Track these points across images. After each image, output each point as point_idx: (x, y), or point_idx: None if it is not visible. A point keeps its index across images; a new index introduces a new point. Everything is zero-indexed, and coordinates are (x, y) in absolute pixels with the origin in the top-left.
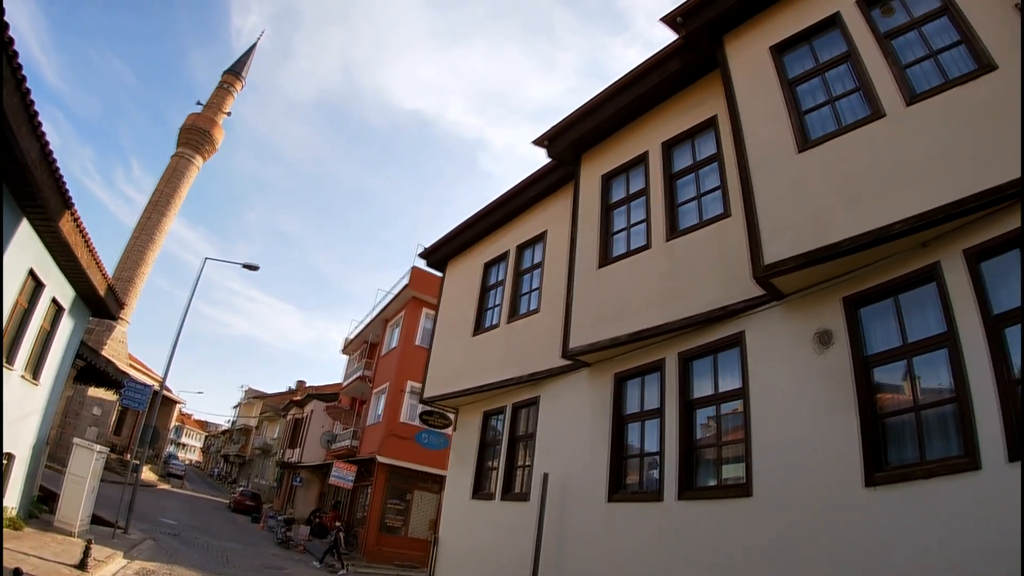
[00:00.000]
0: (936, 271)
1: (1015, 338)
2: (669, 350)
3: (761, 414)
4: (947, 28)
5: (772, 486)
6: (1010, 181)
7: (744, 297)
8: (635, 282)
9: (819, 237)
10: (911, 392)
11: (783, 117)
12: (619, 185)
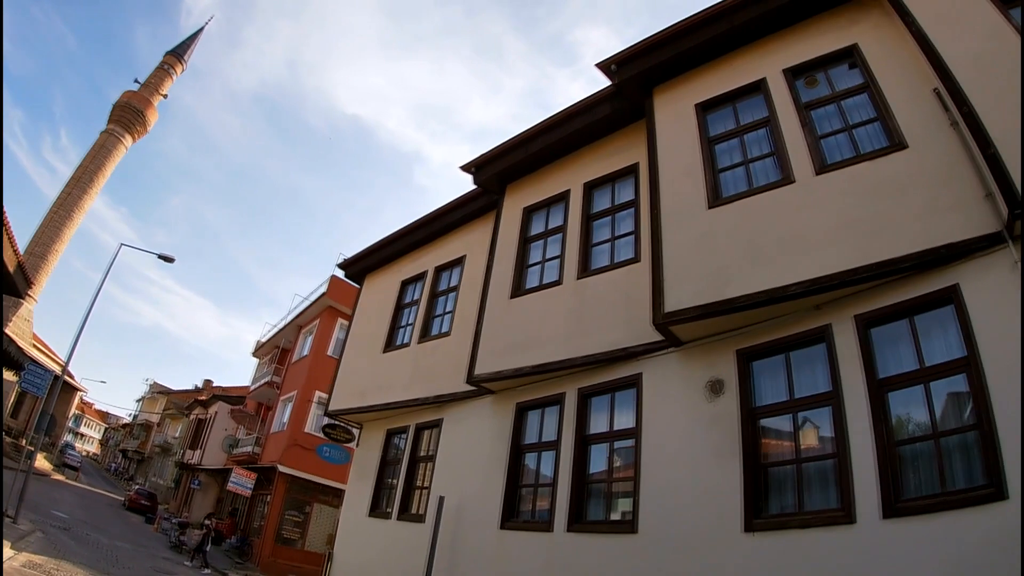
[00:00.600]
0: (827, 333)
1: (897, 401)
2: (570, 385)
3: (651, 455)
4: (865, 104)
5: (657, 525)
6: (904, 255)
7: (644, 341)
8: (544, 316)
9: (719, 291)
10: (794, 444)
11: (699, 172)
12: (539, 219)
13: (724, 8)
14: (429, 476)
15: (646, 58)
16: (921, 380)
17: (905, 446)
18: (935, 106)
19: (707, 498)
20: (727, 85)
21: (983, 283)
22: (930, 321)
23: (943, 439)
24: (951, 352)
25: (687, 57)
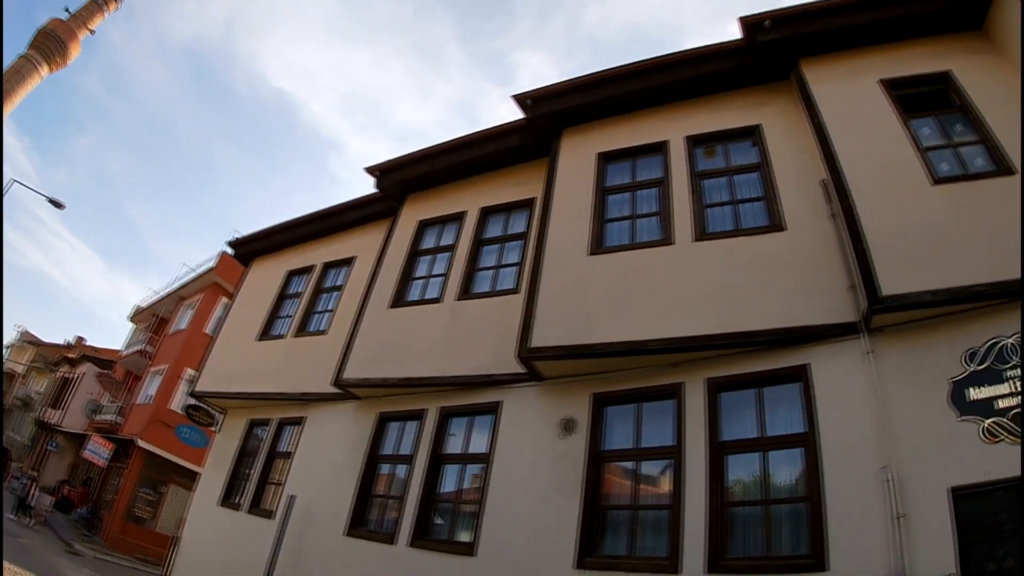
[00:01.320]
0: (679, 391)
1: (735, 464)
2: (433, 402)
3: (499, 482)
4: (755, 183)
5: (495, 551)
6: (763, 330)
7: (509, 371)
8: (419, 331)
9: (583, 335)
10: (633, 491)
11: (587, 219)
12: (432, 234)
13: (642, 68)
14: (285, 473)
15: (561, 99)
16: (760, 448)
17: (736, 508)
18: (819, 196)
19: (545, 531)
20: (632, 140)
21: (832, 367)
22: (778, 394)
23: (773, 506)
24: (793, 426)
25: (600, 106)
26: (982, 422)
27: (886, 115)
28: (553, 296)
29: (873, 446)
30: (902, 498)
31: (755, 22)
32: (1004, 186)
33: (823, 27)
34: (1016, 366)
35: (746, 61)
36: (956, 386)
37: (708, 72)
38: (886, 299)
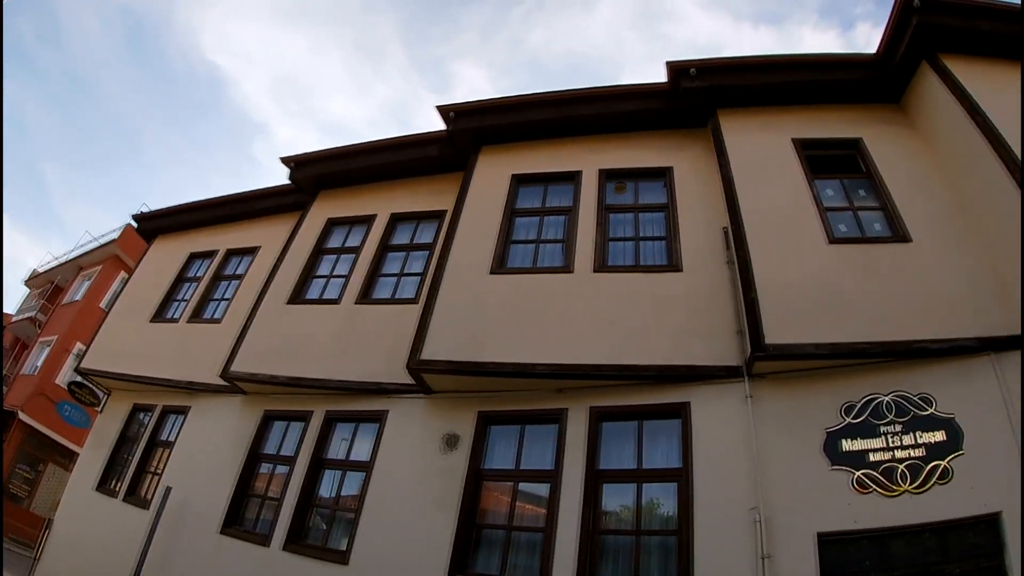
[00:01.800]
0: (563, 416)
1: (610, 493)
2: (320, 405)
3: (377, 492)
4: (659, 222)
5: (368, 561)
6: (649, 365)
7: (398, 381)
8: (314, 330)
9: (474, 353)
10: (509, 511)
11: (493, 238)
12: (340, 234)
13: (566, 98)
14: (164, 463)
15: (483, 116)
16: (636, 480)
17: (608, 536)
18: (719, 242)
19: (420, 544)
20: (547, 166)
21: (713, 408)
22: (657, 429)
23: (644, 537)
24: (669, 461)
25: (521, 128)
26: (853, 473)
27: (793, 172)
28: (449, 310)
29: (745, 487)
30: (769, 539)
31: (681, 68)
32: (897, 252)
33: (744, 82)
34: (891, 423)
35: (668, 104)
36: (831, 436)
37: (630, 110)
38: (770, 347)
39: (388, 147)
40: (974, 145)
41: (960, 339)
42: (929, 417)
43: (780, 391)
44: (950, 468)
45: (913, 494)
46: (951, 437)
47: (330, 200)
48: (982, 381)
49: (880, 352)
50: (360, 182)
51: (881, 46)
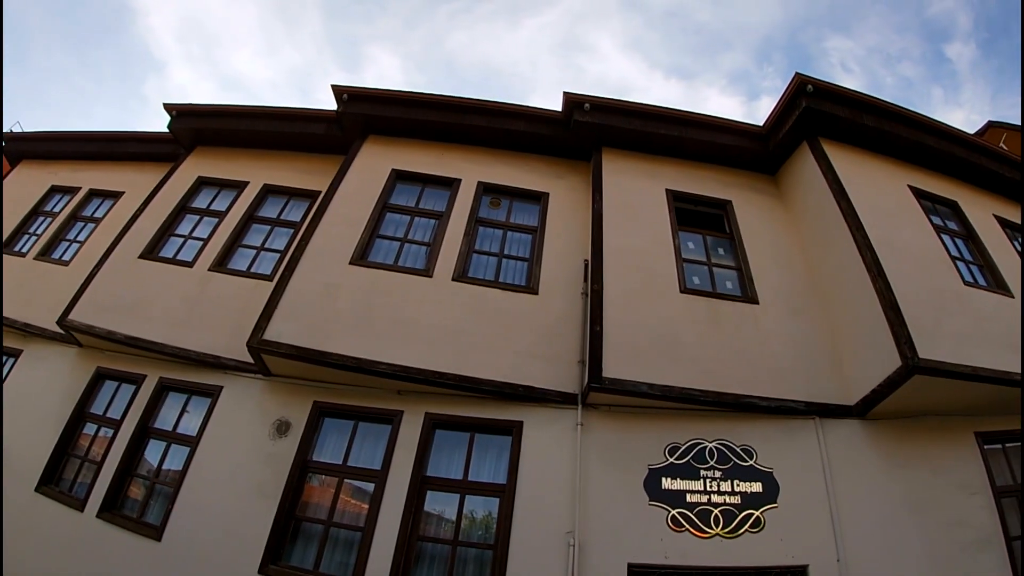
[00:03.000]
0: (398, 419)
1: (433, 500)
2: (154, 370)
3: (199, 470)
4: (526, 243)
5: (181, 540)
6: (489, 380)
7: (238, 358)
8: (162, 291)
9: (319, 341)
10: (331, 507)
11: (360, 228)
12: (208, 194)
13: (461, 105)
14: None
15: (376, 105)
16: (461, 491)
17: (426, 543)
18: (579, 274)
19: (236, 530)
20: (429, 168)
21: (545, 430)
22: (489, 443)
23: (461, 548)
24: (495, 476)
25: (410, 125)
26: (670, 511)
27: (661, 220)
28: (301, 293)
29: (565, 511)
30: (582, 564)
31: (577, 101)
32: (743, 311)
33: (633, 127)
34: (712, 468)
35: (558, 133)
36: (653, 473)
37: (520, 130)
38: (606, 380)
39: (275, 116)
40: (835, 225)
41: (788, 400)
42: (750, 468)
43: (611, 424)
44: (763, 518)
45: (724, 538)
46: (768, 489)
47: (205, 158)
48: (804, 442)
49: (710, 401)
50: (240, 145)
51: (769, 120)
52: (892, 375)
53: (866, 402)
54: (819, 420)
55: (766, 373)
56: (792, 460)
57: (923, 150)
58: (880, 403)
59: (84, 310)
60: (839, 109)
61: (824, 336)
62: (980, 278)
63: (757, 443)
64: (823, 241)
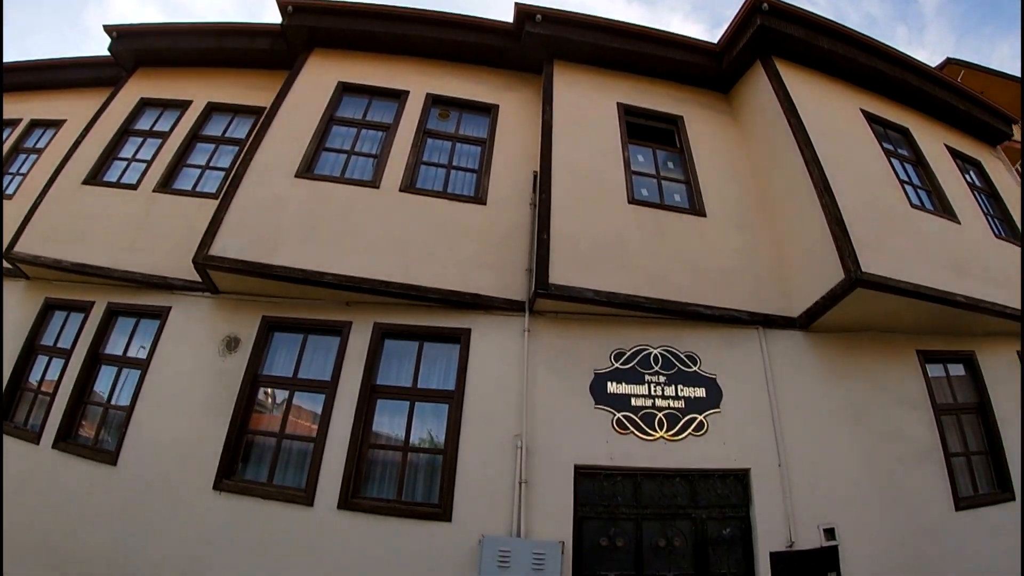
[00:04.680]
0: (346, 329)
1: (384, 408)
2: (102, 296)
3: (151, 392)
4: (475, 155)
5: (137, 462)
6: (436, 288)
7: (185, 277)
8: (107, 216)
9: (265, 255)
10: (283, 420)
11: (305, 142)
12: (151, 115)
13: (408, 15)
14: None
15: (321, 16)
16: (410, 398)
17: (377, 451)
18: (528, 186)
19: (189, 448)
20: (376, 80)
21: (492, 337)
22: (438, 352)
23: (412, 454)
24: (444, 383)
25: (357, 37)
26: (615, 414)
27: (610, 133)
28: (246, 208)
29: (512, 415)
30: (529, 466)
31: (528, 12)
32: (690, 223)
33: (585, 39)
34: (656, 373)
35: (509, 44)
36: (598, 378)
37: (470, 41)
38: (553, 287)
39: (218, 32)
40: (784, 143)
41: (732, 309)
42: (693, 374)
43: (557, 330)
44: (706, 422)
45: (668, 441)
46: (711, 395)
47: (148, 79)
48: (747, 351)
49: (655, 308)
50: (183, 64)
51: (724, 38)
52: (835, 288)
53: (809, 314)
54: (763, 330)
55: (711, 283)
56: (736, 368)
57: (877, 76)
58: (823, 315)
59: (30, 241)
60: (794, 29)
61: (770, 250)
62: (928, 202)
63: (701, 350)
64: (773, 158)
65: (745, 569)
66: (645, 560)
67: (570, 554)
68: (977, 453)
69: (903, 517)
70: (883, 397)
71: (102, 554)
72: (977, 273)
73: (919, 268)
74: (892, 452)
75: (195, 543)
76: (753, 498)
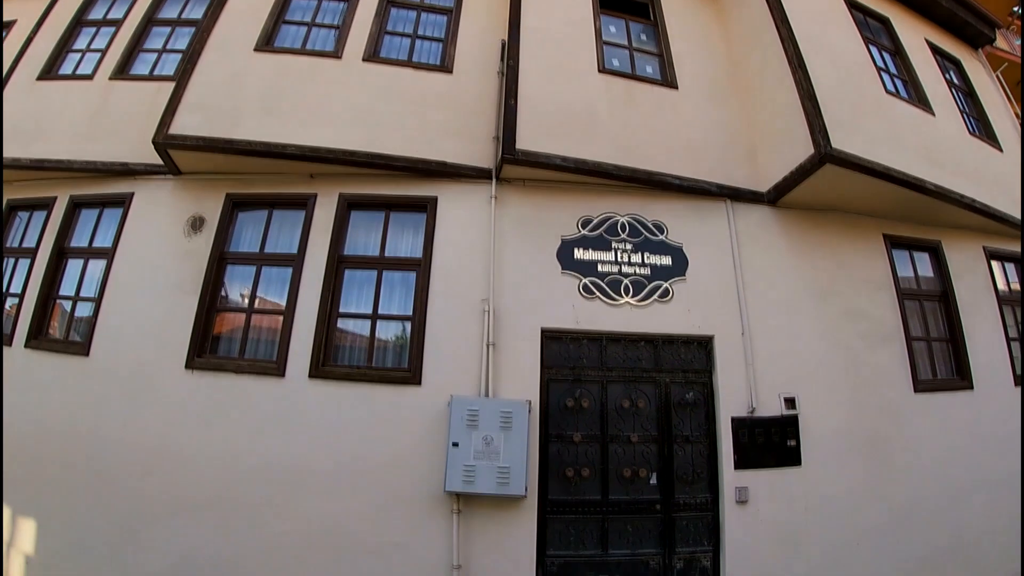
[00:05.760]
0: (311, 202)
1: (351, 279)
2: (64, 190)
3: (120, 279)
4: (440, 25)
5: (110, 351)
6: (402, 156)
7: (147, 162)
8: (64, 109)
9: (226, 129)
10: (251, 296)
11: (263, 15)
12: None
13: None
14: None
15: None
16: (378, 267)
17: (347, 319)
18: (496, 55)
19: (161, 331)
20: None
21: (459, 205)
22: (405, 221)
23: (381, 322)
24: (412, 251)
25: None
26: (581, 279)
27: (582, 1)
28: (205, 85)
29: (480, 280)
30: (497, 329)
31: None
32: (662, 94)
33: None
34: (624, 241)
35: None
36: (565, 244)
37: None
38: (520, 152)
39: None
40: (761, 19)
41: (701, 180)
42: (660, 242)
43: (525, 197)
44: (671, 290)
45: (634, 306)
46: (677, 263)
47: None
48: (715, 222)
49: (624, 176)
50: None
51: None
52: (804, 162)
53: (778, 189)
54: (731, 203)
55: (681, 155)
56: (702, 238)
57: None
58: (791, 191)
59: None
60: None
61: (742, 126)
62: (903, 91)
63: (669, 219)
64: (748, 35)
65: (707, 432)
66: (610, 421)
67: (537, 414)
68: (938, 340)
69: (863, 394)
70: (848, 276)
71: (80, 446)
72: (948, 165)
73: (890, 152)
74: (855, 330)
75: (170, 424)
76: (716, 365)
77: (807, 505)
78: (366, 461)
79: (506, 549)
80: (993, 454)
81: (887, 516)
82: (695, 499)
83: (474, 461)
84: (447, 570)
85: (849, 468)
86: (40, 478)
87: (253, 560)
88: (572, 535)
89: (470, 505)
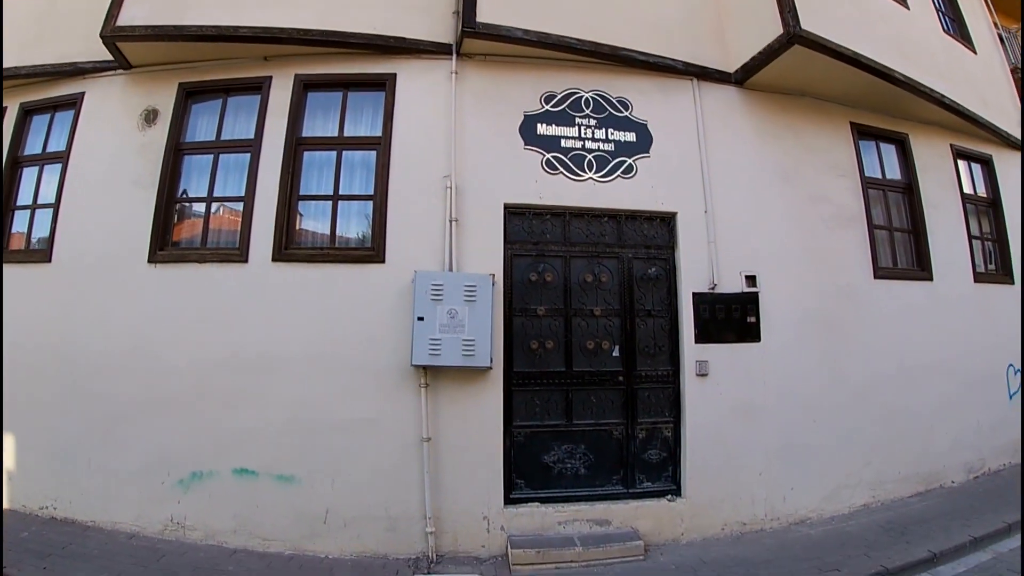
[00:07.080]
0: (267, 85)
1: (311, 161)
2: (14, 99)
3: (76, 180)
4: None
5: (71, 254)
6: (357, 33)
7: (96, 58)
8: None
9: (175, 16)
10: (210, 184)
11: None
12: None
13: None
14: None
15: None
16: (337, 147)
17: (308, 201)
18: None
19: (121, 228)
20: None
21: (419, 81)
22: (364, 100)
23: (342, 202)
24: (371, 130)
25: None
26: (544, 155)
27: None
28: None
29: (441, 158)
30: (459, 205)
31: None
32: None
33: None
34: (587, 116)
35: None
36: (528, 120)
37: None
38: (480, 25)
39: None
40: None
41: (667, 57)
42: (624, 119)
43: (486, 73)
44: (635, 166)
45: (597, 182)
46: (641, 140)
47: None
48: (680, 100)
49: (587, 50)
50: None
51: None
52: (773, 42)
53: (746, 69)
54: (697, 82)
55: (647, 32)
56: (667, 116)
57: None
58: (759, 72)
59: None
60: None
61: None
62: None
63: (633, 96)
64: None
65: (668, 307)
66: (573, 295)
67: (501, 288)
68: (900, 230)
69: (823, 275)
70: (813, 161)
71: (51, 356)
72: (920, 60)
73: (861, 39)
74: (818, 213)
75: (138, 321)
76: (679, 241)
77: (765, 380)
78: (333, 341)
79: (474, 420)
80: (948, 345)
81: (843, 395)
82: (657, 371)
83: (440, 335)
84: (417, 443)
85: (807, 347)
86: (13, 395)
87: (227, 450)
88: (538, 406)
89: (437, 379)
